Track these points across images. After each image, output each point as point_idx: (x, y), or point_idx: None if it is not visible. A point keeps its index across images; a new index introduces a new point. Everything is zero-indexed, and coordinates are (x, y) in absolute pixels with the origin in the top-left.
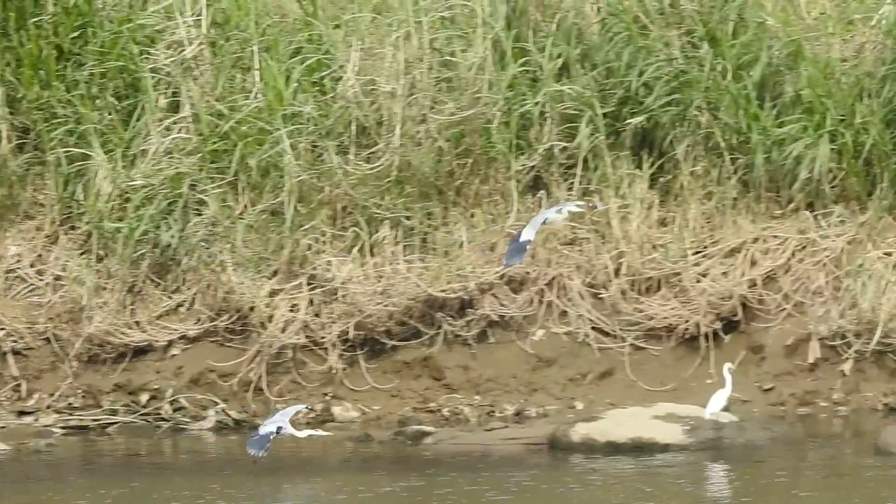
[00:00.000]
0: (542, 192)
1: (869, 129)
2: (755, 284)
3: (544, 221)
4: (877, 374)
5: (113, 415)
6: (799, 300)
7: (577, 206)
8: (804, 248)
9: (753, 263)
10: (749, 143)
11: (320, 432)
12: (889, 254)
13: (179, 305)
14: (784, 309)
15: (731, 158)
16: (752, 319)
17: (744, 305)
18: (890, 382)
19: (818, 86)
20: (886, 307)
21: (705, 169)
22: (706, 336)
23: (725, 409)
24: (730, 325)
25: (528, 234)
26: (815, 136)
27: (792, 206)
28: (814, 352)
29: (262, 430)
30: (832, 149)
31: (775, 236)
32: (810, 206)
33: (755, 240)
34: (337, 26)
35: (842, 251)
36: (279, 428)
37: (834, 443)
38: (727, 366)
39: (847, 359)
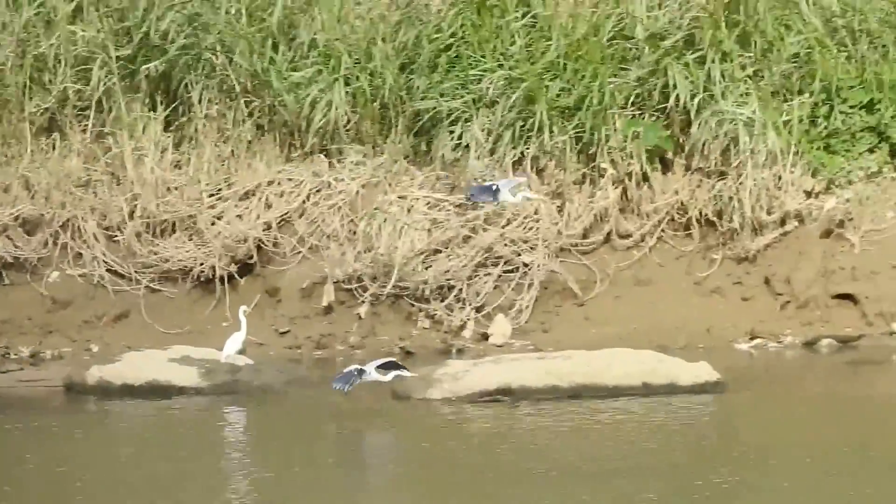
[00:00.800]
0: (56, 133)
1: (384, 74)
2: (270, 227)
3: (497, 189)
4: (393, 317)
5: None
6: (314, 243)
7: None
8: (319, 191)
9: (269, 206)
10: (264, 86)
11: (406, 373)
12: (404, 197)
13: None
14: (300, 252)
15: (246, 102)
16: (267, 262)
17: (259, 248)
18: (405, 326)
19: (332, 30)
20: (402, 250)
21: (220, 112)
22: (222, 279)
23: (241, 351)
24: (245, 268)
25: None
26: (331, 80)
27: (307, 149)
28: (329, 295)
29: (346, 369)
30: (347, 93)
31: (290, 179)
32: (325, 150)
33: (270, 182)
34: None
35: (357, 194)
36: (360, 370)
37: None
38: (242, 308)
39: (363, 302)
